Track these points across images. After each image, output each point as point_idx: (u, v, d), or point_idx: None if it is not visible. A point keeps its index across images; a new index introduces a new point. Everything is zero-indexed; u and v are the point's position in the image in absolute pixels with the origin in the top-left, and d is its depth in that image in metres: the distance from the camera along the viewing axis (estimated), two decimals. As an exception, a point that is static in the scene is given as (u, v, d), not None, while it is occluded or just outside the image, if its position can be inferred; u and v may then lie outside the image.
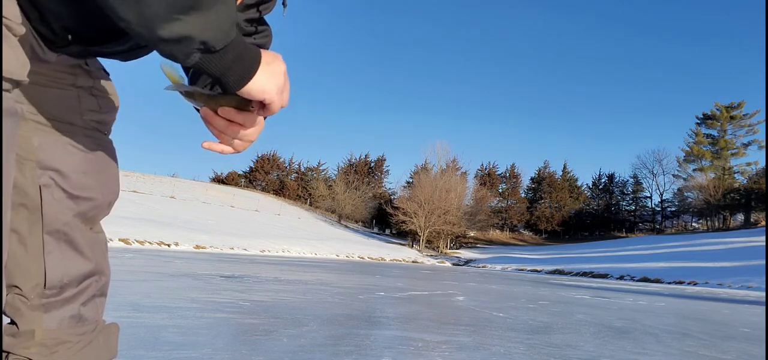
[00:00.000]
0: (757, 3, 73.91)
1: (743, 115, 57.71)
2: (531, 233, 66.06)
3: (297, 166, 68.21)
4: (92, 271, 1.02)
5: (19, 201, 0.94)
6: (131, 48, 0.92)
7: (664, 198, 63.61)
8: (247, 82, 0.81)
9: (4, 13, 0.74)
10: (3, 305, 0.92)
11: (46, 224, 0.96)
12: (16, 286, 0.97)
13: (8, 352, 0.96)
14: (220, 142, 0.88)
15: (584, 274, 27.88)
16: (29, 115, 0.92)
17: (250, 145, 0.90)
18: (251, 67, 0.81)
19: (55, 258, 0.97)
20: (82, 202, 0.99)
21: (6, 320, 0.99)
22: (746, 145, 57.42)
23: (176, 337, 2.75)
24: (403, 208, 48.12)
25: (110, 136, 1.07)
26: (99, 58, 1.02)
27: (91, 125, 1.00)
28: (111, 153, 1.05)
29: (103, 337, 1.06)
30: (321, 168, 67.69)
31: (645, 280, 24.28)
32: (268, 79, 0.83)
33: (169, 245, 19.94)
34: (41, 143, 0.93)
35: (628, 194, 66.57)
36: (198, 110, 0.89)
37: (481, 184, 61.83)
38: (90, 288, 1.02)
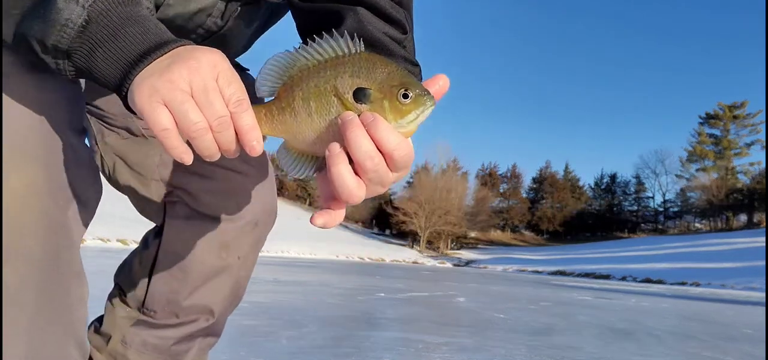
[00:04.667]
0: (757, 3, 73.84)
1: (746, 114, 57.66)
2: (532, 234, 66.00)
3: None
4: (198, 307, 0.92)
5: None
6: None
7: (666, 198, 63.61)
8: (124, 86, 0.52)
9: None
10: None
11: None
12: (122, 288, 0.95)
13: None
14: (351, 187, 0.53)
15: (586, 275, 27.84)
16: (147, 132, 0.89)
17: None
18: (122, 55, 0.51)
19: (162, 280, 0.91)
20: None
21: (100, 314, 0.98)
22: (749, 145, 57.38)
23: (173, 339, 2.72)
24: (403, 209, 48.16)
25: None
26: None
27: None
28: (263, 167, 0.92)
29: None
30: (322, 168, 67.76)
31: (647, 280, 24.23)
32: (157, 86, 0.50)
33: (170, 246, 19.98)
34: (164, 160, 0.88)
35: (630, 194, 66.55)
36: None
37: (482, 185, 61.84)
38: (190, 325, 0.93)
